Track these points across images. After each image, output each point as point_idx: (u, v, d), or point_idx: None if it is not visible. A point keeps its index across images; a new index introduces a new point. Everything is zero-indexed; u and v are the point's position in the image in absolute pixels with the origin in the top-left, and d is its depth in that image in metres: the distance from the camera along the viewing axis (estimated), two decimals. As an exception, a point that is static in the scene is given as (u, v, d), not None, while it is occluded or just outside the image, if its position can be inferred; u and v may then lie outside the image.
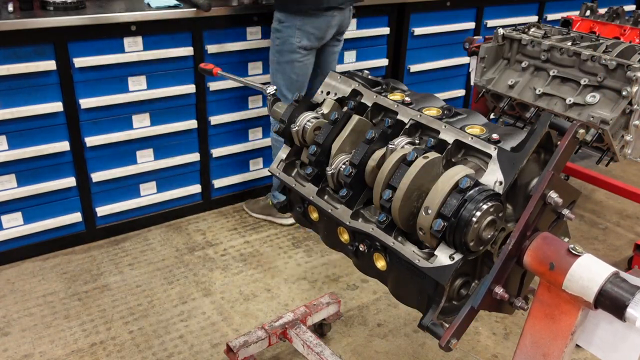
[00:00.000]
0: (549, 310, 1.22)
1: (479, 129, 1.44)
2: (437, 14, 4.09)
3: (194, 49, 3.21)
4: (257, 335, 2.33)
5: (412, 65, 4.13)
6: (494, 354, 2.57)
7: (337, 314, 2.60)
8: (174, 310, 2.77)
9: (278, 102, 1.82)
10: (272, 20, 3.10)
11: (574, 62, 2.71)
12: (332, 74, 1.77)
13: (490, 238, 1.29)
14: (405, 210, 1.34)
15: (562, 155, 1.27)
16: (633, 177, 4.26)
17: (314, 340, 2.28)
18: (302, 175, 1.66)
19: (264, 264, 3.14)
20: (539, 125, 1.31)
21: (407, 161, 1.36)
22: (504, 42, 2.97)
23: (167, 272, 3.05)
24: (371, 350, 2.57)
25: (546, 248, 1.20)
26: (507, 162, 1.32)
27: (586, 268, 1.13)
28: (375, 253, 1.48)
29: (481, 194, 1.25)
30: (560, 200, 1.23)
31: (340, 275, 3.06)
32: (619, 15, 3.35)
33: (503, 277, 1.23)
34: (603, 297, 1.10)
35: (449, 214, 1.24)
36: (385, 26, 3.91)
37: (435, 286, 1.32)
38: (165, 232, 3.41)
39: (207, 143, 3.48)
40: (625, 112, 2.54)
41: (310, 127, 1.62)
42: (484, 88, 3.01)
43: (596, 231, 3.57)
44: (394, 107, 1.58)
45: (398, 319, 2.76)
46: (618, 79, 2.56)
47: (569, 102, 2.66)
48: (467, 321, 1.24)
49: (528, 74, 2.89)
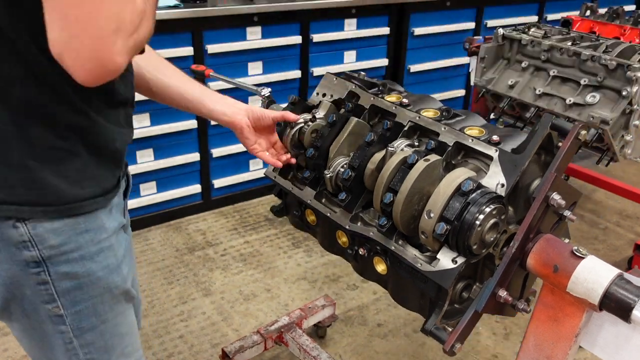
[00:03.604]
0: (553, 312, 1.21)
1: (478, 131, 1.43)
2: (437, 14, 4.08)
3: (194, 49, 3.20)
4: (252, 339, 2.32)
5: (412, 66, 4.13)
6: (494, 354, 2.57)
7: (332, 316, 2.59)
8: (174, 310, 2.77)
9: (273, 104, 1.80)
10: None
11: (574, 62, 2.71)
12: (327, 76, 1.75)
13: (492, 241, 1.29)
14: (406, 214, 1.34)
15: (565, 157, 1.26)
16: (633, 177, 4.26)
17: (310, 344, 2.27)
18: (299, 178, 1.64)
19: (263, 264, 3.14)
20: (540, 127, 1.30)
21: (407, 164, 1.36)
22: (504, 42, 2.97)
23: (167, 272, 3.04)
24: (371, 350, 2.57)
25: (549, 250, 1.20)
26: (508, 164, 1.31)
27: (591, 270, 1.12)
28: (375, 257, 1.47)
29: (484, 197, 1.24)
30: (563, 201, 1.23)
31: (340, 275, 3.06)
32: (619, 15, 3.34)
33: (506, 280, 1.23)
34: (608, 299, 1.10)
35: (451, 217, 1.24)
36: (385, 26, 3.91)
37: (437, 290, 1.31)
38: (165, 232, 3.41)
39: (207, 143, 3.47)
40: (625, 112, 2.54)
41: (307, 130, 1.61)
42: (484, 88, 3.01)
43: (596, 231, 3.57)
44: (392, 109, 1.57)
45: (398, 319, 2.76)
46: (618, 79, 2.56)
47: (569, 102, 2.66)
48: (470, 325, 1.23)
49: (528, 74, 2.88)
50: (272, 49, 3.48)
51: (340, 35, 3.72)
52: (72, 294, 1.12)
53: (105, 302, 1.17)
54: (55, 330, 1.15)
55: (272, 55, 3.52)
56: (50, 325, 1.15)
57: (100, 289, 1.15)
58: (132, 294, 1.24)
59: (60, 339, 1.16)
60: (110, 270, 1.15)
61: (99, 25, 0.85)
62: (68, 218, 1.06)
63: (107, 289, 1.16)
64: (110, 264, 1.15)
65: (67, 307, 1.13)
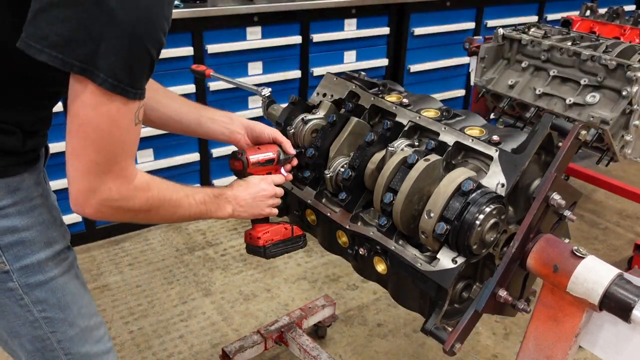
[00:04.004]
0: (553, 312, 1.21)
1: (478, 131, 1.44)
2: (437, 14, 4.08)
3: (194, 49, 3.20)
4: (252, 339, 2.32)
5: (412, 66, 4.12)
6: (494, 354, 2.57)
7: (332, 316, 2.59)
8: (174, 310, 2.77)
9: (273, 104, 1.80)
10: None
11: (574, 62, 2.71)
12: (328, 76, 1.76)
13: (492, 241, 1.29)
14: (406, 214, 1.34)
15: (565, 157, 1.26)
16: (633, 177, 4.26)
17: (310, 343, 2.27)
18: (299, 178, 1.64)
19: (263, 263, 3.14)
20: (540, 127, 1.30)
21: (407, 164, 1.36)
22: (504, 42, 2.97)
23: (167, 272, 3.04)
24: (371, 350, 2.57)
25: (549, 250, 1.20)
26: (508, 163, 1.31)
27: (591, 270, 1.12)
28: (375, 257, 1.47)
29: (484, 197, 1.24)
30: (563, 202, 1.23)
31: (340, 275, 3.06)
32: (619, 15, 3.34)
33: (506, 280, 1.23)
34: (608, 299, 1.10)
35: (451, 217, 1.24)
36: (385, 26, 3.91)
37: (437, 290, 1.31)
38: (165, 232, 3.41)
39: (207, 143, 3.47)
40: (625, 112, 2.54)
41: (307, 130, 1.61)
42: (484, 88, 3.01)
43: (596, 231, 3.57)
44: (392, 109, 1.57)
45: (398, 319, 2.76)
46: (618, 79, 2.56)
47: (569, 102, 2.66)
48: (470, 325, 1.23)
49: (528, 74, 2.88)
50: (272, 49, 3.48)
51: (340, 35, 3.72)
52: (15, 248, 1.18)
53: (49, 259, 1.23)
54: (5, 289, 1.20)
55: (272, 55, 3.51)
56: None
57: (41, 244, 1.21)
58: (72, 251, 1.32)
59: (12, 297, 1.21)
60: (47, 226, 1.23)
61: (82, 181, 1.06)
62: (2, 178, 1.15)
63: (48, 243, 1.23)
64: (46, 220, 1.23)
65: (12, 262, 1.19)
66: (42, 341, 1.27)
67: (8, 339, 1.28)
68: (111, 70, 0.99)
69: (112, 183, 1.08)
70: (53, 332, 1.27)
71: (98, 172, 1.06)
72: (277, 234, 1.57)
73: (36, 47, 0.96)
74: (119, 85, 1.01)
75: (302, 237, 1.62)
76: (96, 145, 1.04)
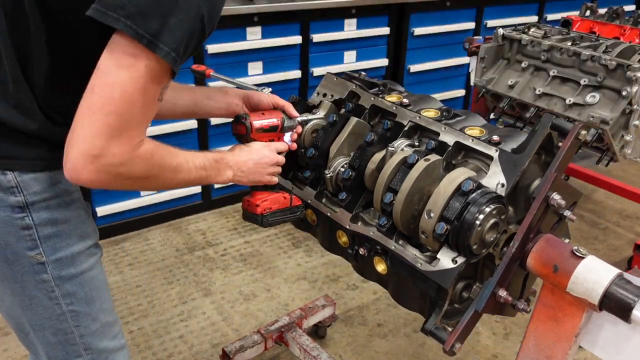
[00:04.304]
0: (553, 312, 1.21)
1: (478, 131, 1.44)
2: (437, 14, 4.08)
3: (193, 48, 3.20)
4: (252, 339, 2.31)
5: (412, 66, 4.12)
6: (494, 354, 2.57)
7: (332, 316, 2.59)
8: (174, 310, 2.77)
9: None
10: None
11: (574, 62, 2.71)
12: (328, 76, 1.76)
13: (492, 240, 1.29)
14: (406, 214, 1.34)
15: (565, 157, 1.27)
16: (633, 177, 4.26)
17: (310, 343, 2.27)
18: (299, 178, 1.65)
19: (264, 264, 3.14)
20: (540, 127, 1.31)
21: (407, 164, 1.36)
22: (504, 42, 2.97)
23: (167, 272, 3.04)
24: (371, 350, 2.57)
25: (549, 250, 1.20)
26: (508, 163, 1.32)
27: (591, 270, 1.12)
28: (375, 257, 1.47)
29: (484, 197, 1.24)
30: (563, 202, 1.23)
31: (340, 275, 3.06)
32: (619, 15, 3.34)
33: (506, 280, 1.23)
34: (608, 299, 1.10)
35: (451, 217, 1.24)
36: (385, 26, 3.91)
37: (437, 290, 1.32)
38: (165, 232, 3.41)
39: (207, 143, 3.47)
40: (625, 112, 2.54)
41: (307, 130, 1.61)
42: (484, 88, 3.01)
43: (596, 231, 3.57)
44: (392, 109, 1.57)
45: (398, 319, 2.76)
46: (618, 79, 2.56)
47: (568, 102, 2.66)
48: (470, 325, 1.23)
49: (528, 74, 2.89)
50: (272, 49, 3.48)
51: (340, 35, 3.72)
52: (53, 240, 1.19)
53: (82, 253, 1.24)
54: (38, 280, 1.21)
55: (272, 55, 3.51)
56: (32, 276, 1.20)
57: (76, 238, 1.23)
58: (100, 248, 1.33)
59: (43, 289, 1.22)
60: (82, 220, 1.25)
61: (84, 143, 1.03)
62: (44, 171, 1.17)
63: (82, 237, 1.24)
64: (81, 214, 1.25)
65: (49, 254, 1.20)
66: (65, 334, 1.28)
67: (31, 330, 1.28)
68: (175, 44, 1.02)
69: (117, 149, 1.04)
70: (77, 327, 1.28)
71: (107, 136, 1.03)
72: (275, 202, 1.51)
73: (113, 16, 0.97)
74: (177, 59, 1.03)
75: (300, 207, 1.56)
76: (116, 107, 1.02)
